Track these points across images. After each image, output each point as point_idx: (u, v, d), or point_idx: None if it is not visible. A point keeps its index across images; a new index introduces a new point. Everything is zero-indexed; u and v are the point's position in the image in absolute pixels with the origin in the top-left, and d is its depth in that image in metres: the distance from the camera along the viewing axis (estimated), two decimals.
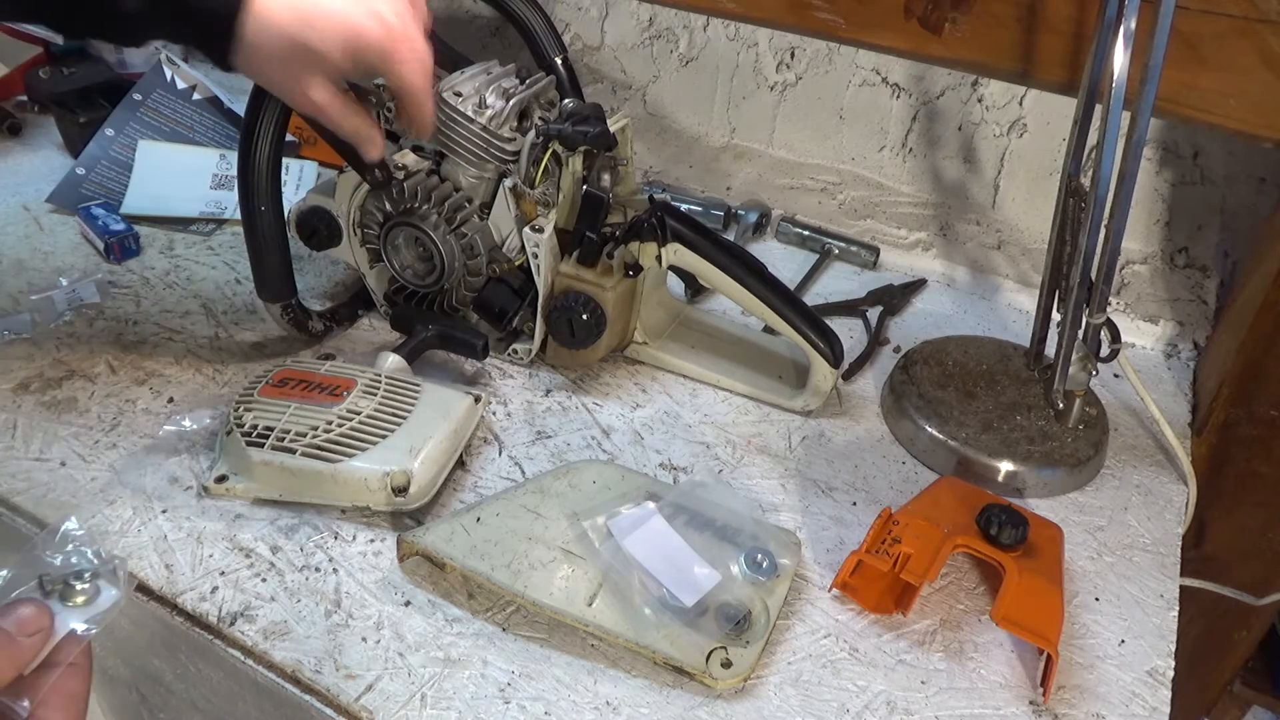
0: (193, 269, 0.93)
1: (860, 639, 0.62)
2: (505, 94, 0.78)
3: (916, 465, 0.77)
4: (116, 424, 0.74)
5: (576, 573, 0.61)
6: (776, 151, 1.05)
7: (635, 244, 0.76)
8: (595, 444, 0.76)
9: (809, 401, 0.79)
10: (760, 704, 0.58)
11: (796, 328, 0.76)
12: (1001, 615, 0.58)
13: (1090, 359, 0.73)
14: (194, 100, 1.09)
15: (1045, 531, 0.67)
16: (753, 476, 0.74)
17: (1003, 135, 0.93)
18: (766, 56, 1.00)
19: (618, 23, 1.05)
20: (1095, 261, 0.70)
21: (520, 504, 0.66)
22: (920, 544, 0.62)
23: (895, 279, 0.99)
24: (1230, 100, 0.73)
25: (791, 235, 1.04)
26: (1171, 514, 0.74)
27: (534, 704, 0.57)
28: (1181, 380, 0.89)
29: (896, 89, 0.95)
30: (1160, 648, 0.63)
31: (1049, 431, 0.76)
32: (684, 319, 0.88)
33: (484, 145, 0.77)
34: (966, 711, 0.58)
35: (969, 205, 0.98)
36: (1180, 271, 0.92)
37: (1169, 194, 0.89)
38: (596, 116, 0.76)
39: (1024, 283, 0.98)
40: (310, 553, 0.65)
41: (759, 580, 0.62)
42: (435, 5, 1.14)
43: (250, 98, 0.73)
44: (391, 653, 0.59)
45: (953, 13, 0.79)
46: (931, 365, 0.82)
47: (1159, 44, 0.62)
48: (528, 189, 0.78)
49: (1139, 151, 0.65)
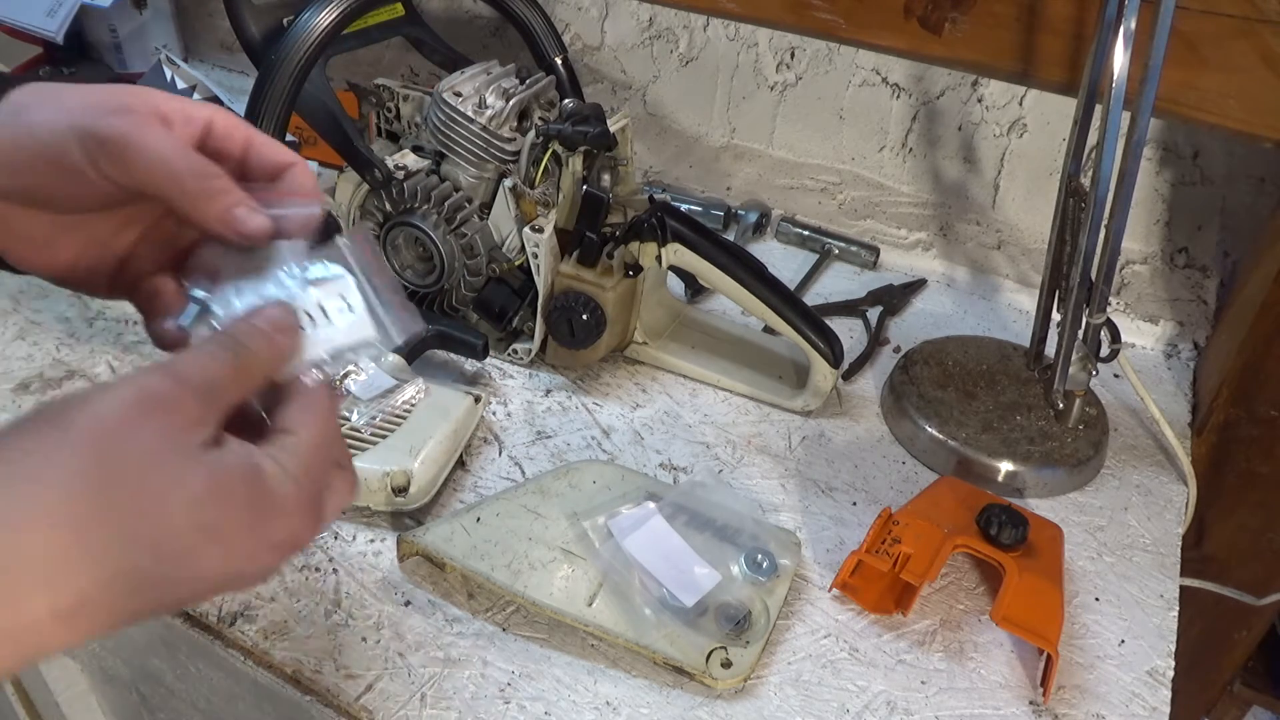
0: None
1: (860, 639, 0.62)
2: (505, 94, 0.79)
3: (916, 465, 0.77)
4: None
5: (576, 573, 0.61)
6: (776, 151, 1.05)
7: (635, 244, 0.76)
8: (595, 444, 0.76)
9: (809, 401, 0.79)
10: (760, 704, 0.58)
11: (796, 328, 0.76)
12: (1001, 615, 0.58)
13: (1090, 359, 0.73)
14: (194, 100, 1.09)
15: (1045, 531, 0.67)
16: (753, 476, 0.74)
17: (1003, 135, 0.93)
18: (766, 56, 1.00)
19: (618, 23, 1.05)
20: (1095, 261, 0.70)
21: (520, 504, 0.66)
22: (920, 544, 0.62)
23: (895, 279, 0.99)
24: (1230, 100, 0.73)
25: (791, 235, 1.04)
26: (1171, 514, 0.74)
27: (534, 704, 0.57)
28: (1181, 380, 0.89)
29: (896, 89, 0.95)
30: (1160, 648, 0.63)
31: (1049, 431, 0.76)
32: (684, 319, 0.88)
33: (484, 145, 0.77)
34: (966, 711, 0.58)
35: (969, 205, 0.98)
36: (1180, 271, 0.92)
37: (1169, 194, 0.89)
38: (596, 116, 0.76)
39: (1024, 283, 0.98)
40: (310, 552, 0.65)
41: (759, 580, 0.62)
42: (435, 5, 1.14)
43: (250, 97, 0.73)
44: (391, 653, 0.59)
45: (953, 13, 0.79)
46: (931, 365, 0.82)
47: (1159, 44, 0.62)
48: (528, 189, 0.78)
49: (1139, 151, 0.65)
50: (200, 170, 0.39)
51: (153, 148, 0.38)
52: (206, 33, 1.32)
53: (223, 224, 0.39)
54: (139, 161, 0.38)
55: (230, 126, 0.42)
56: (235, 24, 0.79)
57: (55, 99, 0.40)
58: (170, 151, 0.39)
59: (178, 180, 0.38)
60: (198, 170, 0.39)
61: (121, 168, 0.38)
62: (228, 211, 0.39)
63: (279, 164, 0.42)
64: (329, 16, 0.73)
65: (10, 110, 0.40)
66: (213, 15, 1.29)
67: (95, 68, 1.13)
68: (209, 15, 1.29)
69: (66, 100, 0.39)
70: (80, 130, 0.38)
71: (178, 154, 0.39)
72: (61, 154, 0.38)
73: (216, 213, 0.39)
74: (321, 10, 0.73)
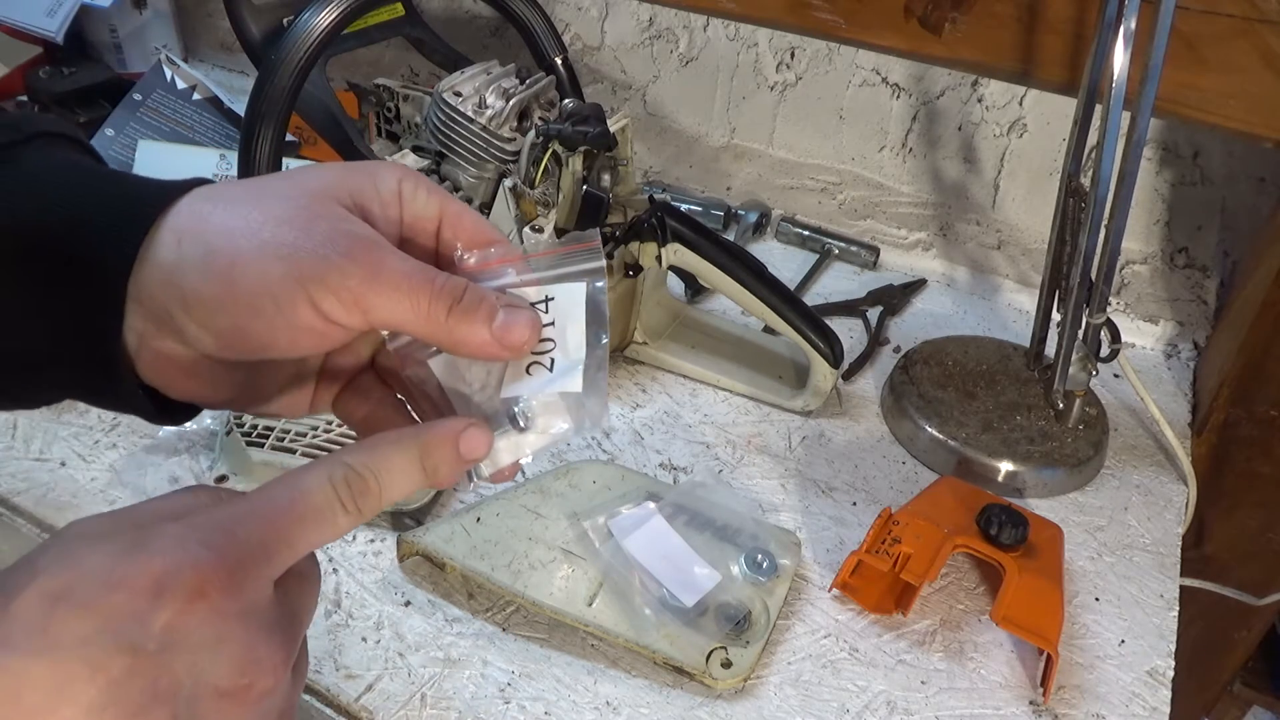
0: None
1: (860, 639, 0.62)
2: (505, 94, 0.78)
3: (916, 465, 0.77)
4: (116, 424, 0.74)
5: (576, 573, 0.61)
6: (776, 151, 1.05)
7: (635, 244, 0.76)
8: (595, 444, 0.76)
9: (809, 401, 0.79)
10: (760, 704, 0.58)
11: (796, 328, 0.76)
12: (1001, 615, 0.58)
13: (1090, 359, 0.73)
14: (194, 100, 1.09)
15: (1045, 531, 0.67)
16: (753, 476, 0.74)
17: (1003, 135, 0.93)
18: (766, 56, 0.99)
19: (618, 23, 1.05)
20: (1095, 261, 0.70)
21: (520, 504, 0.66)
22: (920, 544, 0.62)
23: (895, 279, 0.99)
24: (1230, 100, 0.73)
25: (791, 235, 1.04)
26: (1171, 514, 0.74)
27: (534, 704, 0.57)
28: (1181, 380, 0.89)
29: (896, 89, 0.95)
30: (1160, 648, 0.63)
31: (1049, 431, 0.76)
32: (684, 319, 0.88)
33: (484, 145, 0.77)
34: (966, 711, 0.58)
35: (969, 205, 0.98)
36: (1180, 271, 0.92)
37: (1169, 194, 0.89)
38: (596, 116, 0.76)
39: (1024, 283, 0.98)
40: None
41: (759, 580, 0.62)
42: (435, 5, 1.14)
43: (250, 98, 0.73)
44: (391, 653, 0.59)
45: (953, 13, 0.79)
46: (931, 365, 0.82)
47: (1159, 44, 0.62)
48: (528, 189, 0.78)
49: (1139, 151, 0.65)
50: (450, 293, 0.33)
51: (399, 287, 0.32)
52: (206, 33, 1.32)
53: (488, 348, 0.34)
54: (382, 308, 0.32)
55: (458, 219, 0.36)
56: (235, 24, 0.80)
57: (252, 232, 0.32)
58: (418, 288, 0.32)
59: (431, 320, 0.33)
60: (448, 296, 0.33)
61: (362, 316, 0.32)
62: (493, 332, 0.34)
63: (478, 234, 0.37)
64: (329, 16, 0.73)
65: (197, 246, 0.32)
66: (213, 15, 1.29)
67: (95, 68, 1.13)
68: (209, 15, 1.29)
69: (274, 237, 0.32)
70: (308, 282, 0.31)
71: (424, 289, 0.33)
72: (283, 311, 0.32)
73: (479, 341, 0.34)
74: (321, 10, 0.73)
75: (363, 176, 0.35)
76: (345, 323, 0.32)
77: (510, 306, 0.34)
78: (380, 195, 0.35)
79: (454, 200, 0.37)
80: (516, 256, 0.36)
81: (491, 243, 0.36)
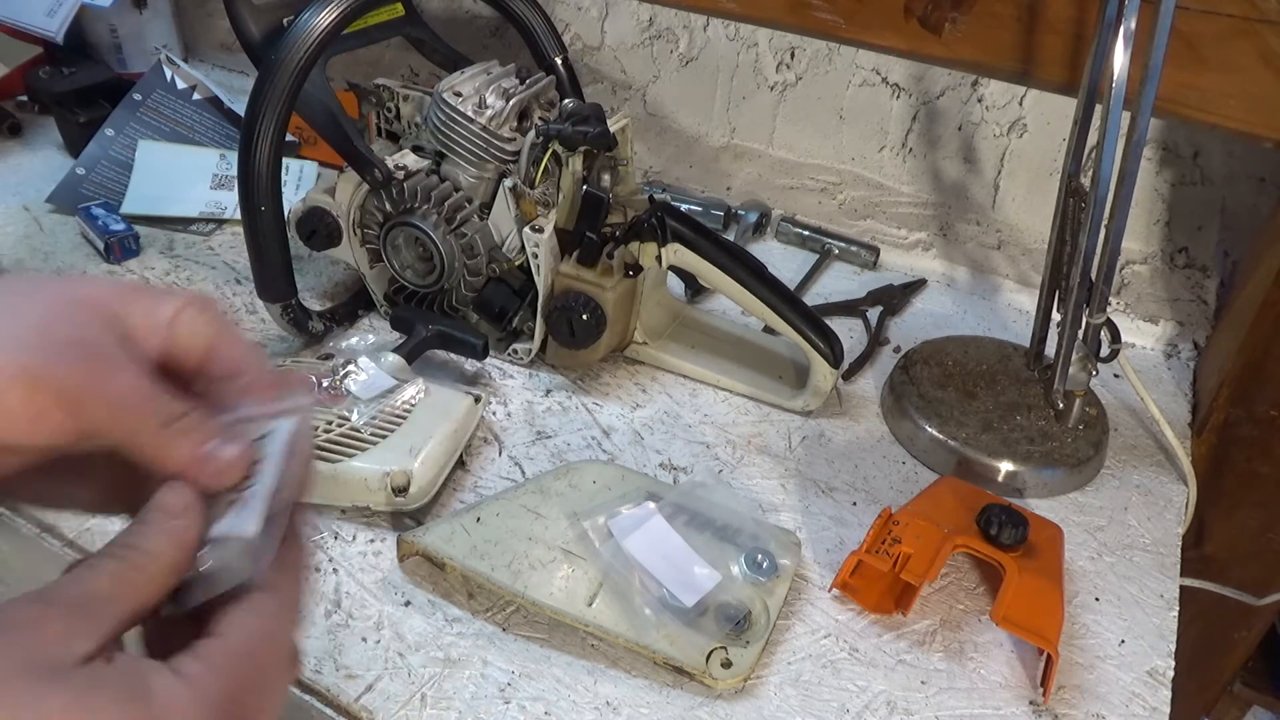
0: (192, 269, 0.93)
1: (860, 639, 0.62)
2: (505, 94, 0.79)
3: (916, 465, 0.77)
4: None
5: (576, 573, 0.61)
6: (776, 151, 1.05)
7: (635, 244, 0.76)
8: (595, 444, 0.76)
9: (809, 401, 0.79)
10: (760, 704, 0.58)
11: (796, 328, 0.76)
12: (1001, 615, 0.58)
13: (1090, 359, 0.73)
14: (194, 100, 1.09)
15: (1045, 531, 0.67)
16: (753, 476, 0.74)
17: (1003, 135, 0.93)
18: (766, 56, 1.00)
19: (618, 23, 1.05)
20: (1095, 261, 0.70)
21: (520, 504, 0.66)
22: (920, 544, 0.62)
23: (895, 279, 0.99)
24: (1230, 100, 0.73)
25: (791, 235, 1.04)
26: (1171, 514, 0.74)
27: (534, 704, 0.57)
28: (1181, 380, 0.89)
29: (896, 89, 0.95)
30: (1160, 648, 0.63)
31: (1049, 431, 0.76)
32: (684, 319, 0.88)
33: (484, 145, 0.77)
34: (966, 711, 0.58)
35: (969, 205, 0.98)
36: (1180, 271, 0.92)
37: (1169, 194, 0.89)
38: (596, 116, 0.76)
39: (1024, 283, 0.98)
40: (310, 553, 0.65)
41: (759, 580, 0.62)
42: (435, 5, 1.14)
43: (250, 97, 0.73)
44: (391, 653, 0.59)
45: (953, 13, 0.79)
46: (931, 365, 0.82)
47: (1159, 44, 0.62)
48: (528, 189, 0.78)
49: (1139, 151, 0.65)
50: (162, 413, 0.34)
51: (113, 394, 0.33)
52: (206, 33, 1.32)
53: (188, 470, 0.34)
54: (94, 414, 0.32)
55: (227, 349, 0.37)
56: (235, 24, 0.79)
57: None
58: (139, 404, 0.33)
59: (138, 433, 0.33)
60: (162, 414, 0.33)
61: (75, 420, 0.32)
62: (193, 454, 0.34)
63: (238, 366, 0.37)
64: (329, 16, 0.73)
65: None
66: (213, 15, 1.29)
67: (95, 68, 1.13)
68: (209, 15, 1.29)
69: (13, 328, 0.32)
70: (29, 376, 0.31)
71: (143, 407, 0.33)
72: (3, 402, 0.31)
73: (177, 460, 0.34)
74: (321, 10, 0.73)
75: (142, 301, 0.36)
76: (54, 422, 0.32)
77: (229, 438, 0.34)
78: (148, 321, 0.35)
79: (229, 332, 0.37)
80: (266, 387, 0.36)
81: (243, 374, 0.37)
